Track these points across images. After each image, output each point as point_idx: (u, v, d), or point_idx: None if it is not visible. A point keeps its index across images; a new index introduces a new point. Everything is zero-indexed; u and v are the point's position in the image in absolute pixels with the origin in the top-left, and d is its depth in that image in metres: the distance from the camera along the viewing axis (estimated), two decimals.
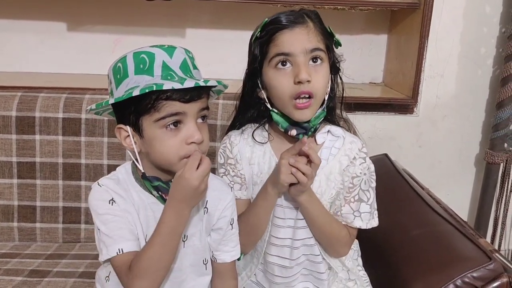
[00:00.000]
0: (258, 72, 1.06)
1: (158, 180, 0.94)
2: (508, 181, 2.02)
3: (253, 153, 1.11)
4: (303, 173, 0.98)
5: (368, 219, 1.12)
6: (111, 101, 0.90)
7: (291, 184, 1.01)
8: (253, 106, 1.12)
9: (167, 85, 0.84)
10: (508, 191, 2.03)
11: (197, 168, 0.87)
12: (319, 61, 1.02)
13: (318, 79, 1.01)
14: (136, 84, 0.88)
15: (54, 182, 1.52)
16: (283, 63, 1.01)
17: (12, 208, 1.52)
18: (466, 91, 2.00)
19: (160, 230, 0.90)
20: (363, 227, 1.12)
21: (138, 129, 0.92)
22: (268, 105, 1.07)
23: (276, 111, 1.06)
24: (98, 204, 0.96)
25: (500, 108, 1.88)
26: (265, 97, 1.07)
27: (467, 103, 2.02)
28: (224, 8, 1.85)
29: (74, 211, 1.53)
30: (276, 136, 1.12)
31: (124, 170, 1.01)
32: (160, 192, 0.95)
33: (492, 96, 2.00)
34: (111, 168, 1.50)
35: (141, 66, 0.89)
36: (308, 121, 1.05)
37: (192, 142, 0.90)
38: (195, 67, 0.95)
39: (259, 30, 1.04)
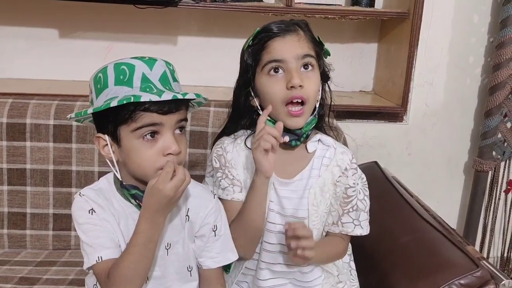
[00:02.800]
0: (250, 80, 1.08)
1: (135, 189, 0.96)
2: (497, 188, 2.04)
3: (246, 158, 1.12)
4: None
5: (367, 225, 1.15)
6: (90, 110, 0.91)
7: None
8: (245, 114, 1.13)
9: (145, 97, 0.85)
10: (497, 198, 2.05)
11: (172, 178, 0.88)
12: (310, 67, 1.05)
13: (310, 85, 1.03)
14: (115, 94, 0.89)
15: (44, 189, 1.51)
16: (276, 69, 1.03)
17: (2, 215, 1.51)
18: (455, 99, 2.03)
19: (136, 240, 0.91)
20: (364, 233, 1.14)
21: (116, 139, 0.93)
22: (261, 112, 1.08)
23: (269, 118, 1.07)
24: (79, 214, 0.98)
25: (488, 117, 1.91)
26: (258, 105, 1.09)
27: (456, 111, 2.05)
28: (215, 17, 1.86)
29: (65, 218, 1.52)
30: None
31: (106, 180, 1.03)
32: (137, 201, 0.96)
33: (481, 105, 2.03)
34: (102, 175, 1.46)
35: (121, 77, 0.90)
36: (300, 128, 1.06)
37: (169, 154, 0.91)
38: (175, 80, 0.96)
39: (251, 38, 1.07)
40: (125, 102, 0.85)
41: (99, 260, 0.94)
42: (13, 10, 1.80)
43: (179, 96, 0.88)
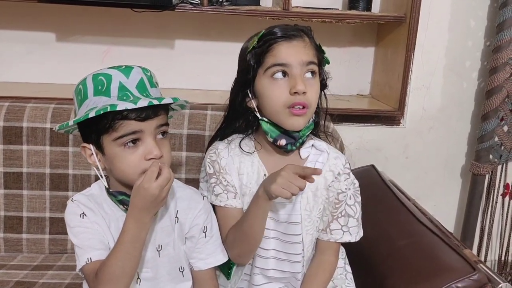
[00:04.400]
0: (250, 81, 1.07)
1: (122, 194, 0.98)
2: (494, 192, 2.04)
3: (241, 163, 1.12)
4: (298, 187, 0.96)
5: (357, 232, 1.14)
6: (71, 122, 0.94)
7: None
8: (241, 115, 1.13)
9: (121, 106, 0.88)
10: (494, 202, 2.05)
11: (157, 177, 0.90)
12: (313, 75, 1.05)
13: (312, 92, 1.03)
14: (94, 105, 0.92)
15: (41, 193, 1.51)
16: (280, 73, 1.02)
17: None
18: (452, 103, 2.03)
19: (122, 239, 0.92)
20: (352, 240, 1.14)
21: (100, 148, 0.96)
22: (258, 114, 1.08)
23: (266, 120, 1.07)
24: (70, 218, 1.01)
25: (485, 120, 1.91)
26: (255, 107, 1.08)
27: (453, 115, 2.05)
28: (213, 20, 1.87)
29: (61, 222, 1.51)
30: (263, 146, 1.12)
31: (97, 186, 1.06)
32: (125, 206, 0.98)
33: (477, 108, 2.04)
34: (99, 179, 1.49)
35: (99, 87, 0.93)
36: (298, 131, 1.06)
37: (151, 158, 0.93)
38: (152, 85, 0.98)
39: (256, 40, 1.05)
40: (102, 112, 0.88)
41: (88, 261, 0.96)
42: (10, 14, 1.80)
43: (155, 102, 0.90)
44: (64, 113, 1.50)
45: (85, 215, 1.00)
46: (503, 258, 2.13)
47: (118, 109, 0.87)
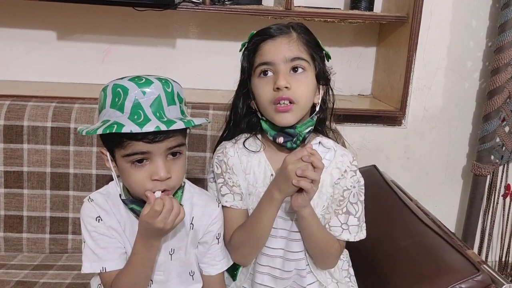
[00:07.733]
0: (247, 83, 1.09)
1: (133, 203, 0.99)
2: (495, 193, 2.04)
3: (248, 163, 1.11)
4: (311, 180, 0.96)
5: (356, 231, 1.13)
6: (84, 132, 0.94)
7: (298, 191, 0.99)
8: (245, 116, 1.13)
9: (127, 128, 0.87)
10: (495, 203, 2.05)
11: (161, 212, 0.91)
12: (300, 70, 1.04)
13: (299, 87, 1.03)
14: (108, 117, 0.92)
15: (41, 192, 1.50)
16: (265, 72, 1.04)
17: None
18: (453, 103, 2.03)
19: (134, 260, 0.97)
20: (351, 239, 1.13)
21: (114, 157, 0.97)
22: (259, 114, 1.09)
23: (265, 119, 1.08)
24: (87, 220, 1.02)
25: (486, 121, 1.91)
26: (256, 107, 1.09)
27: (454, 115, 2.05)
28: (214, 19, 1.86)
29: (62, 221, 1.51)
30: (268, 145, 1.12)
31: (115, 185, 1.05)
32: (135, 214, 0.99)
33: (479, 109, 2.03)
34: (100, 178, 1.49)
35: (116, 99, 0.91)
36: (294, 128, 1.06)
37: (155, 179, 0.93)
38: (171, 103, 0.94)
39: (247, 41, 1.09)
40: (108, 131, 0.88)
41: (103, 270, 1.00)
42: (11, 13, 1.80)
43: (162, 128, 0.88)
44: (65, 112, 1.49)
45: (101, 219, 1.01)
46: (503, 259, 2.13)
47: (123, 131, 0.86)
